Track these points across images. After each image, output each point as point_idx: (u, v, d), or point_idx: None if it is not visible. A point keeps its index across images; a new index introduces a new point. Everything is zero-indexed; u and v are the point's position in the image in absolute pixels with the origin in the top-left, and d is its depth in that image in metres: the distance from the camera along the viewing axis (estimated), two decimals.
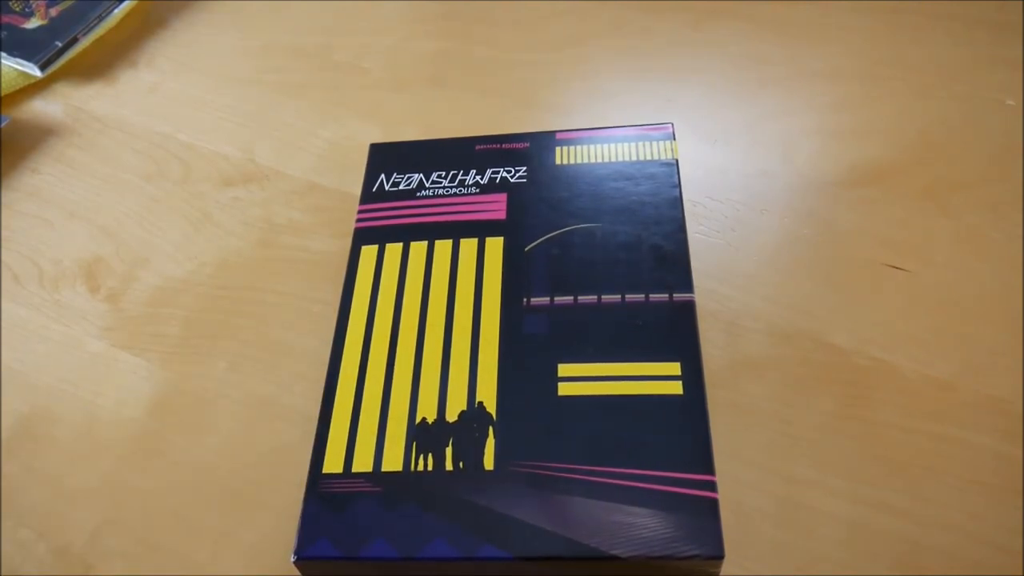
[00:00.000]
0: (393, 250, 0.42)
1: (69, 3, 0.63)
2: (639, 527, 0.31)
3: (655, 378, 0.35)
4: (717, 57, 0.54)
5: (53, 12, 0.62)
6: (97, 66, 0.62)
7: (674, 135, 0.44)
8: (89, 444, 0.41)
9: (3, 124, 0.57)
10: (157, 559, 0.37)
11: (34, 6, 0.63)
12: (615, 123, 0.52)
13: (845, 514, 0.35)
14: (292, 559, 0.33)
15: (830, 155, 0.48)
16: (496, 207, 0.42)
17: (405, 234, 0.42)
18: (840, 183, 0.47)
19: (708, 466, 0.32)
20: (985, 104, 0.49)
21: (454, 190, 0.44)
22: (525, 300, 0.38)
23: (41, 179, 0.55)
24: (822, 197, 0.46)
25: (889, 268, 0.43)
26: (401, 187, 0.44)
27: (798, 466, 0.37)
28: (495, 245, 0.41)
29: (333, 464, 0.34)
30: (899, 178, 0.47)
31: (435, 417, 0.35)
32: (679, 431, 0.33)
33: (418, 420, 0.35)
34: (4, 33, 0.61)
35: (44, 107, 0.59)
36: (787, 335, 0.41)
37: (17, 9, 0.63)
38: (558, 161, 0.44)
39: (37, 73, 0.60)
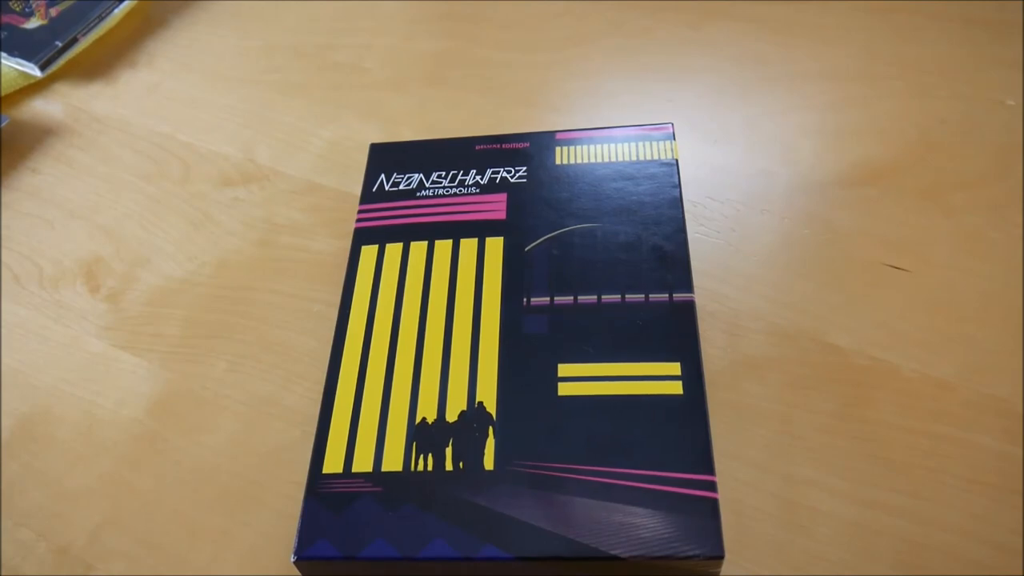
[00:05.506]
0: (393, 250, 0.42)
1: (69, 3, 0.63)
2: (639, 527, 0.31)
3: (655, 378, 0.35)
4: (717, 57, 0.54)
5: (53, 12, 0.62)
6: (97, 66, 0.62)
7: (674, 135, 0.44)
8: (89, 444, 0.41)
9: (3, 124, 0.57)
10: (157, 559, 0.37)
11: (34, 6, 0.63)
12: (615, 123, 0.52)
13: (845, 514, 0.35)
14: (292, 559, 0.33)
15: (830, 155, 0.48)
16: (496, 207, 0.42)
17: (405, 234, 0.42)
18: (840, 183, 0.47)
19: (708, 466, 0.32)
20: (985, 104, 0.49)
21: (454, 190, 0.44)
22: (525, 300, 0.38)
23: (41, 179, 0.55)
24: (822, 197, 0.46)
25: (889, 268, 0.43)
26: (401, 187, 0.44)
27: (798, 466, 0.37)
28: (495, 245, 0.41)
29: (333, 464, 0.34)
30: (899, 178, 0.47)
31: (435, 417, 0.35)
32: (679, 431, 0.33)
33: (418, 420, 0.35)
34: (4, 33, 0.61)
35: (44, 107, 0.59)
36: (787, 335, 0.41)
37: (17, 9, 0.63)
38: (558, 161, 0.44)
39: (37, 73, 0.60)
